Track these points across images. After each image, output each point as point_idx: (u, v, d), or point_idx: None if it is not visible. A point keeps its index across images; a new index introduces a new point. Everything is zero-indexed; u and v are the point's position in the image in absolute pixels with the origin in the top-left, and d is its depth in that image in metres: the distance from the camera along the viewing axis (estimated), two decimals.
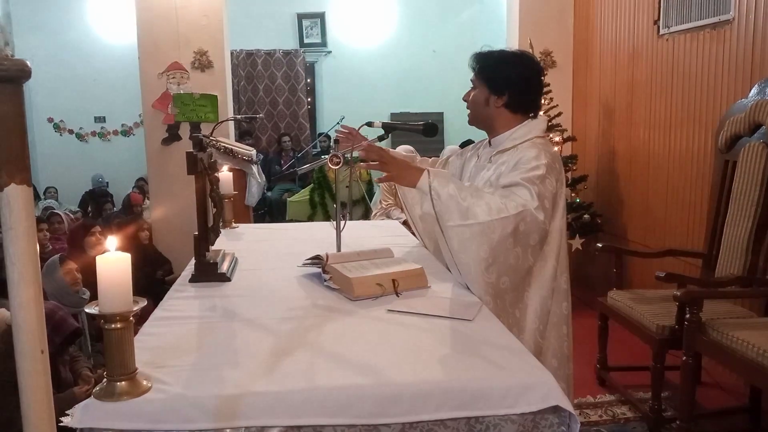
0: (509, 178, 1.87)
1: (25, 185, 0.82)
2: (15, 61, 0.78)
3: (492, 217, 1.76)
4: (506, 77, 1.99)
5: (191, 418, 1.12)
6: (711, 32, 3.43)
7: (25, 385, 0.85)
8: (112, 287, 1.10)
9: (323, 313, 1.61)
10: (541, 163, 1.87)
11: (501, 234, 1.77)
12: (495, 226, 1.76)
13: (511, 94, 1.99)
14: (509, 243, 1.79)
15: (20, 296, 0.83)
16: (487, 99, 2.01)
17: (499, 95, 1.99)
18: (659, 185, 3.98)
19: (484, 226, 1.76)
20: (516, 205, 1.78)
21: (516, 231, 1.78)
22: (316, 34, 8.30)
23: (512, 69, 1.99)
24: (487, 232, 1.77)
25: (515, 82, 1.98)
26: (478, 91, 2.03)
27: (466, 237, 1.79)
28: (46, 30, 7.84)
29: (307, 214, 5.95)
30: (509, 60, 2.03)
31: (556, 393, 1.20)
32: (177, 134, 4.95)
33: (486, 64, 2.02)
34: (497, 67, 2.01)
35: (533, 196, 1.80)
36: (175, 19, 4.81)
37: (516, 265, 1.82)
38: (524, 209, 1.78)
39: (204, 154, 1.91)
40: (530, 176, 1.84)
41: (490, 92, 2.00)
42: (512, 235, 1.78)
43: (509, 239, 1.78)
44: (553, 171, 1.89)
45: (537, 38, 4.81)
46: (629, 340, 3.26)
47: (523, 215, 1.78)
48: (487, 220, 1.76)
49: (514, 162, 1.91)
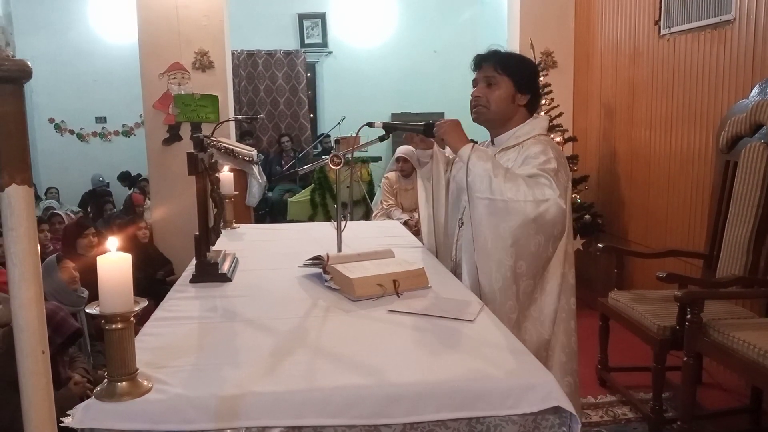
0: (525, 171, 1.89)
1: (26, 185, 0.82)
2: (16, 61, 0.78)
3: (518, 198, 1.80)
4: (530, 76, 2.06)
5: (192, 419, 1.12)
6: (712, 32, 3.43)
7: (25, 385, 0.85)
8: (113, 287, 1.10)
9: (324, 314, 1.61)
10: (550, 156, 1.90)
11: (523, 218, 1.80)
12: (518, 208, 1.80)
13: (533, 93, 2.06)
14: (531, 228, 1.81)
15: (21, 296, 0.84)
16: (514, 96, 2.03)
17: (523, 93, 2.03)
18: (660, 185, 3.98)
19: (508, 204, 1.81)
20: (542, 193, 1.81)
21: (539, 218, 1.81)
22: (317, 35, 8.30)
23: (532, 68, 2.10)
24: (511, 212, 1.81)
25: (536, 82, 2.08)
26: (503, 88, 2.02)
27: (491, 211, 1.83)
28: (47, 30, 7.85)
29: (308, 215, 5.95)
30: (527, 60, 2.13)
31: (557, 393, 1.20)
32: (178, 134, 4.95)
33: (510, 61, 2.05)
34: (523, 66, 2.06)
35: (554, 187, 1.83)
36: (176, 19, 4.81)
37: (536, 253, 1.85)
38: (550, 198, 1.81)
39: (205, 154, 1.92)
40: (546, 168, 1.87)
41: (517, 90, 2.03)
42: (534, 221, 1.81)
43: (531, 225, 1.81)
44: (562, 166, 1.93)
45: (538, 38, 4.81)
46: (630, 341, 3.26)
47: (548, 204, 1.81)
48: (511, 199, 1.80)
49: (522, 158, 1.94)
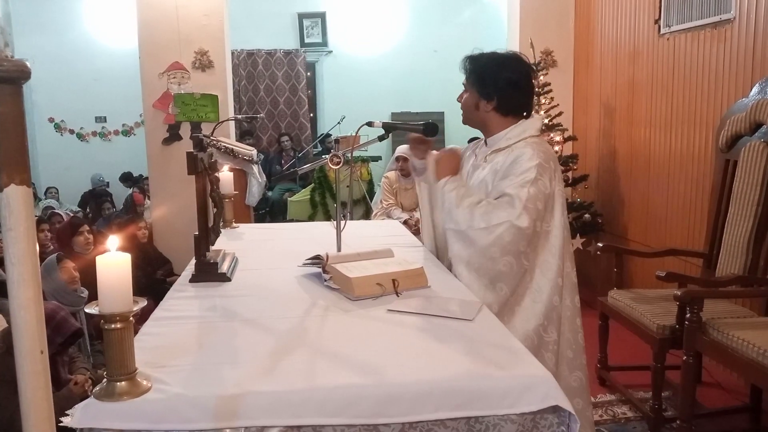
0: (500, 187, 1.94)
1: (25, 186, 0.82)
2: (15, 62, 0.78)
3: (469, 226, 1.90)
4: (494, 82, 2.00)
5: (191, 418, 1.12)
6: (712, 31, 3.43)
7: (24, 385, 0.85)
8: (112, 287, 1.10)
9: (323, 313, 1.61)
10: (532, 164, 1.91)
11: (481, 244, 1.88)
12: (473, 236, 1.90)
13: (501, 99, 2.01)
14: (493, 252, 1.87)
15: (20, 297, 0.84)
16: (477, 103, 2.04)
17: (488, 100, 2.02)
18: (660, 185, 3.98)
19: (462, 234, 1.92)
20: (497, 217, 1.87)
21: (497, 242, 1.87)
22: (317, 34, 8.30)
23: (500, 73, 2.00)
24: (466, 240, 1.92)
25: (503, 86, 2.00)
26: (468, 95, 2.06)
27: (452, 240, 1.97)
28: (47, 30, 7.84)
29: (307, 214, 5.94)
30: (498, 64, 2.03)
31: (556, 393, 1.20)
32: (178, 134, 4.95)
33: (475, 68, 2.04)
34: (486, 72, 2.02)
35: (515, 206, 1.86)
36: (176, 18, 4.81)
37: (509, 272, 1.89)
38: (504, 222, 1.86)
39: (204, 154, 1.92)
40: (519, 181, 1.90)
41: (480, 97, 2.03)
42: (493, 245, 1.87)
43: (492, 248, 1.87)
44: (546, 170, 1.92)
45: (538, 38, 4.81)
46: (630, 340, 3.26)
47: (502, 228, 1.86)
48: (463, 229, 1.92)
49: (510, 162, 1.96)
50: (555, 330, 1.94)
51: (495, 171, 1.99)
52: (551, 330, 1.93)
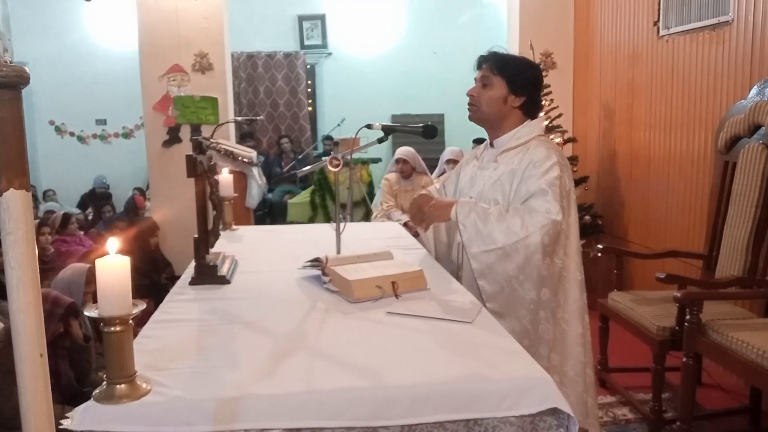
0: (528, 187, 1.91)
1: (24, 190, 0.83)
2: (14, 67, 0.79)
3: (512, 240, 1.83)
4: (527, 79, 2.04)
5: (191, 421, 1.12)
6: (710, 33, 3.43)
7: (24, 388, 0.85)
8: (112, 290, 1.10)
9: (322, 316, 1.61)
10: (553, 162, 1.92)
11: (526, 253, 1.83)
12: (518, 247, 1.83)
13: (529, 97, 2.04)
14: (537, 259, 1.84)
15: (19, 300, 0.84)
16: (506, 98, 2.03)
17: (517, 95, 2.03)
18: (659, 186, 3.98)
19: (505, 250, 1.84)
20: (539, 221, 1.84)
21: (542, 245, 1.84)
22: (317, 36, 8.31)
23: (530, 71, 2.06)
24: (511, 254, 1.84)
25: (534, 85, 2.06)
26: (496, 89, 2.03)
27: (492, 261, 1.87)
28: (48, 33, 7.85)
29: (307, 216, 5.94)
30: (526, 62, 2.11)
31: (555, 395, 1.20)
32: (178, 136, 4.96)
33: (508, 63, 2.05)
34: (521, 68, 2.05)
35: (553, 202, 1.85)
36: (176, 21, 4.81)
37: (550, 275, 1.88)
38: (547, 221, 1.83)
39: (204, 156, 1.92)
40: (547, 179, 1.89)
41: (510, 91, 2.02)
42: (539, 250, 1.83)
43: (536, 255, 1.83)
44: (565, 168, 1.95)
45: (537, 39, 4.81)
46: (630, 342, 3.26)
47: (547, 228, 1.83)
48: (507, 243, 1.84)
49: (528, 161, 1.95)
50: (580, 324, 1.99)
51: (512, 171, 1.98)
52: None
